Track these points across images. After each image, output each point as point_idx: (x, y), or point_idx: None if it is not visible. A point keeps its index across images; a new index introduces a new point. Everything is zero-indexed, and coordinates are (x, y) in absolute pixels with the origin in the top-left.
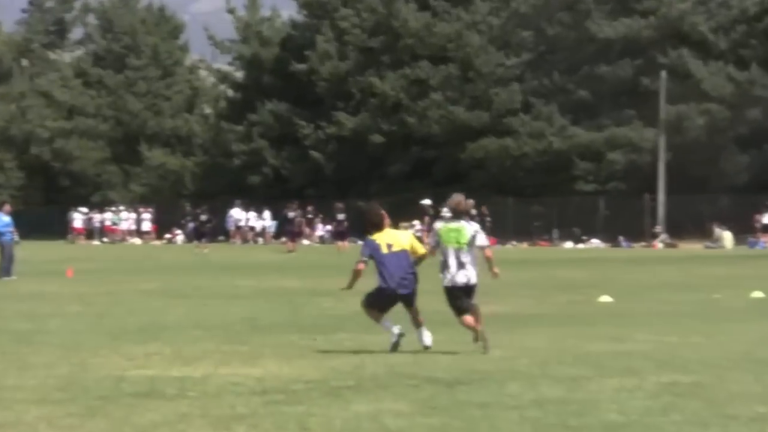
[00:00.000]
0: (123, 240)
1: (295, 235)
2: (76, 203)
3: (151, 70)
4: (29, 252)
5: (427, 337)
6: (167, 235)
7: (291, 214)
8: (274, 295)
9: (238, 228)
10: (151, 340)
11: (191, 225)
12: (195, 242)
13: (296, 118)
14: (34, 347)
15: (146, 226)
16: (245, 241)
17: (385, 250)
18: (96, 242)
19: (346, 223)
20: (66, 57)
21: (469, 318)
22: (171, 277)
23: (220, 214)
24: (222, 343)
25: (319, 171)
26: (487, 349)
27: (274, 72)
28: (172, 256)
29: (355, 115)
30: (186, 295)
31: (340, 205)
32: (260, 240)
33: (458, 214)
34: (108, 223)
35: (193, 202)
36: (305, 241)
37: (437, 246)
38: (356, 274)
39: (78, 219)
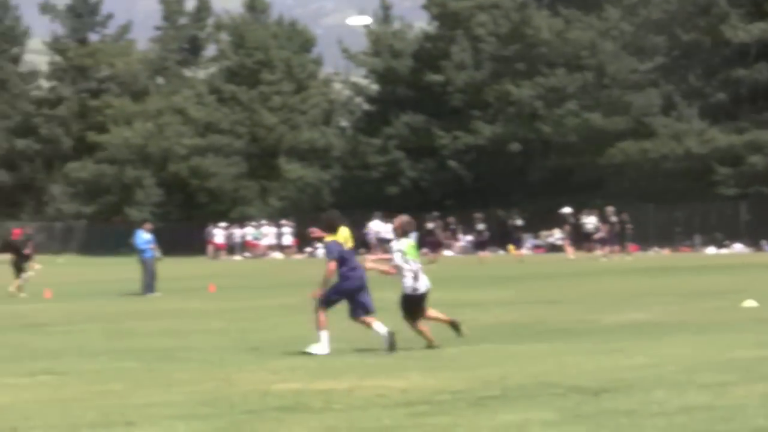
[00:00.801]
0: (264, 255)
1: (436, 247)
2: (214, 219)
3: (285, 85)
4: (171, 268)
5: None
6: (308, 249)
7: (431, 226)
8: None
9: (379, 240)
10: (295, 353)
11: None
12: None
13: (433, 129)
14: (179, 363)
15: (287, 240)
16: (385, 252)
17: (346, 247)
18: (237, 257)
19: (486, 234)
20: (200, 74)
21: (423, 325)
22: (312, 291)
23: (359, 226)
24: (366, 356)
25: (458, 181)
26: (435, 346)
27: (409, 84)
28: (313, 270)
29: (492, 124)
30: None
31: (480, 215)
32: None
33: (407, 233)
34: (249, 238)
35: None
36: (446, 252)
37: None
38: (330, 273)
39: (219, 234)
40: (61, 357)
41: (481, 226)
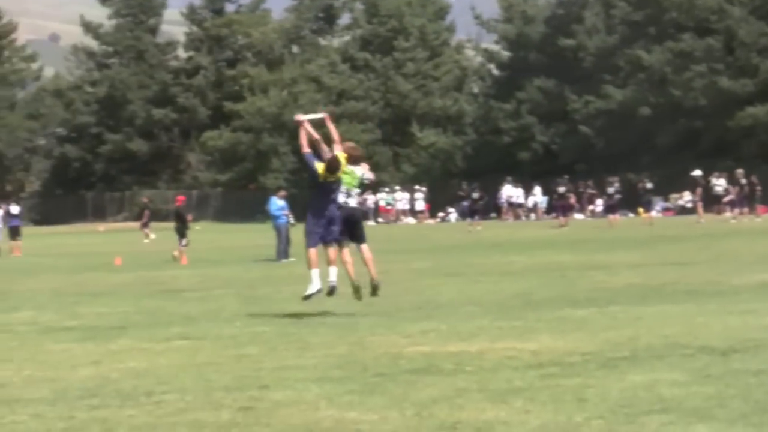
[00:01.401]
0: (397, 220)
1: (566, 210)
2: None
3: (419, 52)
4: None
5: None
6: (440, 214)
7: (562, 189)
8: (547, 270)
9: (511, 205)
10: (427, 317)
11: (464, 203)
12: (468, 220)
13: (564, 94)
14: (312, 327)
15: (420, 205)
16: (517, 217)
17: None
18: (371, 223)
19: (617, 197)
20: (334, 42)
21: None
22: (444, 256)
23: (491, 191)
24: (496, 319)
25: (588, 145)
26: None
27: (540, 49)
28: (445, 235)
29: (622, 89)
30: (459, 272)
31: (611, 179)
32: (532, 216)
33: (355, 161)
34: (382, 203)
35: (465, 180)
36: (577, 216)
37: None
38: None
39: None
40: (196, 322)
41: (611, 190)
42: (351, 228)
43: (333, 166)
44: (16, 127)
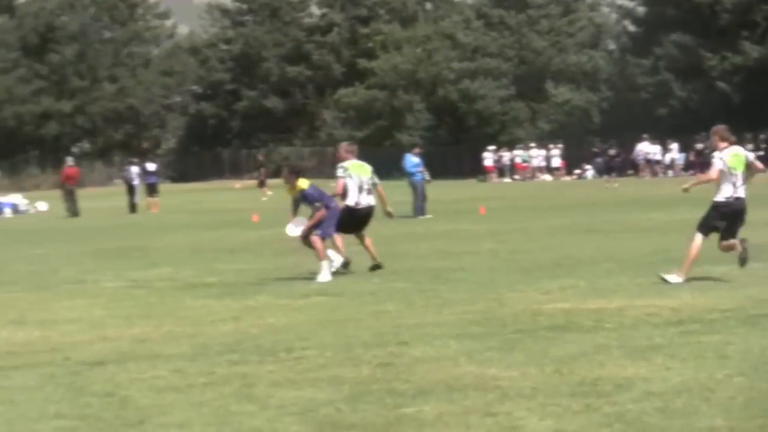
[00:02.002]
0: (533, 177)
1: (704, 167)
2: (484, 142)
3: (553, 8)
4: (441, 191)
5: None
6: (577, 171)
7: (699, 146)
8: (685, 227)
9: (648, 162)
10: (565, 274)
11: (600, 160)
12: (605, 177)
13: (701, 50)
14: (451, 284)
15: (556, 162)
16: (654, 174)
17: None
18: (507, 180)
19: (758, 153)
20: None
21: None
22: (581, 213)
23: (628, 148)
24: (635, 276)
25: (726, 102)
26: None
27: (677, 4)
28: (582, 192)
29: (760, 45)
30: (597, 229)
31: (749, 135)
32: (669, 173)
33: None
34: (518, 160)
35: (600, 138)
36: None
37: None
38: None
39: (488, 158)
40: (335, 278)
41: (750, 146)
42: (361, 225)
43: None
44: (152, 83)
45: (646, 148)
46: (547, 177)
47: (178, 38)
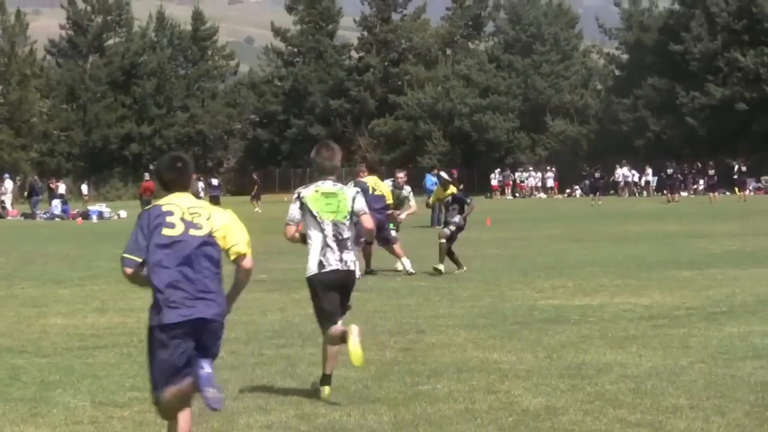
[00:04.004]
0: (531, 195)
1: (674, 189)
2: (491, 165)
3: (553, 55)
4: None
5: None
6: (567, 190)
7: (670, 171)
8: (657, 238)
9: (626, 183)
10: (557, 275)
11: (587, 181)
12: (591, 196)
13: (674, 91)
14: (461, 283)
15: (550, 182)
16: (631, 194)
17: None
18: (509, 197)
19: (716, 178)
20: (481, 46)
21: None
22: (571, 225)
23: (610, 171)
24: (614, 278)
25: (693, 134)
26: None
27: (655, 53)
28: (572, 208)
29: (723, 87)
30: (583, 239)
31: (711, 162)
32: (644, 193)
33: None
34: (518, 181)
35: (588, 163)
36: (683, 193)
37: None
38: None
39: (493, 178)
40: (365, 277)
41: (711, 171)
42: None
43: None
44: (217, 113)
45: (626, 172)
46: (543, 195)
47: (240, 75)
